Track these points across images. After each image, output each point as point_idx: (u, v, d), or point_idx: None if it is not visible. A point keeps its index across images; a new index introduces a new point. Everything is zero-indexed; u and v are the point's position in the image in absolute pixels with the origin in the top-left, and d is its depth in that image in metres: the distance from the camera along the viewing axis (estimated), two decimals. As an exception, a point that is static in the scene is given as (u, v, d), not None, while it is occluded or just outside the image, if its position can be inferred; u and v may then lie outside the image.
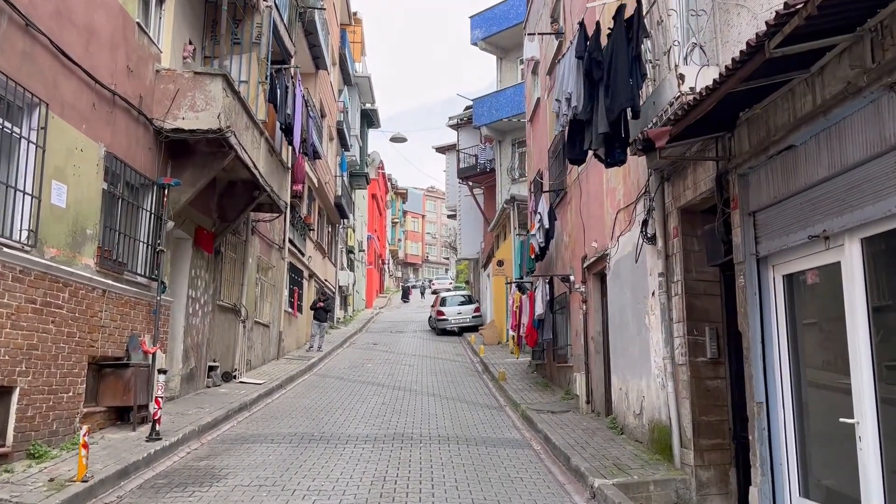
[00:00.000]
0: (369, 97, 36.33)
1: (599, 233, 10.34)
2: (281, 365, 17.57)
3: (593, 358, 10.79)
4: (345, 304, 35.77)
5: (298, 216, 21.35)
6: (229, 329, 14.37)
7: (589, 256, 10.88)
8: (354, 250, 39.12)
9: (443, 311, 29.49)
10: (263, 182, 12.73)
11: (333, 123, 27.72)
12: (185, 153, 10.81)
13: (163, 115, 10.13)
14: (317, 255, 25.96)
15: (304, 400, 12.96)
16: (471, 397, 13.59)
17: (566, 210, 12.90)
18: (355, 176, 36.14)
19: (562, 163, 13.43)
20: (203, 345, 12.77)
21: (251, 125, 11.90)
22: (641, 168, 8.19)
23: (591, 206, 10.90)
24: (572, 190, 12.29)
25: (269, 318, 17.86)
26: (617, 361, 9.38)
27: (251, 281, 15.86)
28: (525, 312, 14.34)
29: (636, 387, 8.51)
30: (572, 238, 12.36)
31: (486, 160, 28.72)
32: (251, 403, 12.05)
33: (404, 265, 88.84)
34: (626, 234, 8.82)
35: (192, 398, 11.77)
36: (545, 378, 15.15)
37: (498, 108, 25.58)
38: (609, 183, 9.74)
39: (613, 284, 9.52)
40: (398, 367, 18.74)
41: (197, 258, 12.28)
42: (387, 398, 13.25)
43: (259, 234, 16.46)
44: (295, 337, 21.76)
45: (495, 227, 25.11)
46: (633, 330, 8.58)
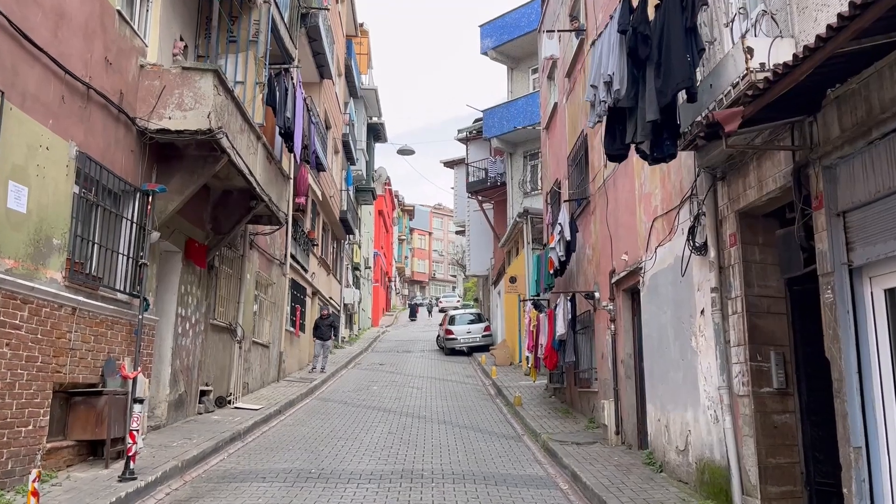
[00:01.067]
0: (376, 110, 35.51)
1: (630, 244, 9.29)
2: (281, 388, 16.50)
3: (623, 384, 9.70)
4: (350, 323, 34.70)
5: (301, 230, 20.38)
6: (224, 350, 13.33)
7: (618, 271, 9.83)
8: (360, 267, 38.12)
9: (452, 330, 28.38)
10: (260, 191, 11.75)
11: (339, 136, 26.85)
12: (172, 157, 9.86)
13: (147, 114, 9.18)
14: (321, 271, 24.96)
15: (304, 428, 11.88)
16: (485, 425, 12.48)
17: (589, 221, 11.86)
18: (361, 191, 35.22)
19: (583, 170, 12.41)
20: (194, 367, 11.73)
21: (247, 128, 10.94)
22: (685, 168, 7.16)
23: (619, 215, 9.86)
24: (596, 199, 11.25)
25: (268, 337, 16.82)
26: (654, 389, 8.29)
27: (249, 298, 14.85)
28: (543, 332, 13.26)
29: (679, 419, 7.41)
30: (597, 251, 11.31)
31: (496, 174, 27.75)
32: (245, 432, 10.98)
33: (411, 283, 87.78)
34: (666, 245, 7.77)
35: (181, 427, 10.71)
36: (565, 403, 14.02)
37: (509, 119, 24.64)
38: (643, 188, 8.70)
39: (649, 302, 8.45)
40: (405, 389, 17.64)
41: (187, 273, 11.28)
42: (393, 426, 12.15)
43: (258, 248, 15.47)
44: (297, 358, 20.70)
45: (507, 243, 24.08)
46: (676, 354, 7.50)
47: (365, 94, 33.35)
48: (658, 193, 8.10)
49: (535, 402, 14.70)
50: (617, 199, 10.01)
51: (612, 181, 10.22)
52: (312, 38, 19.81)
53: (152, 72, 9.26)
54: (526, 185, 25.23)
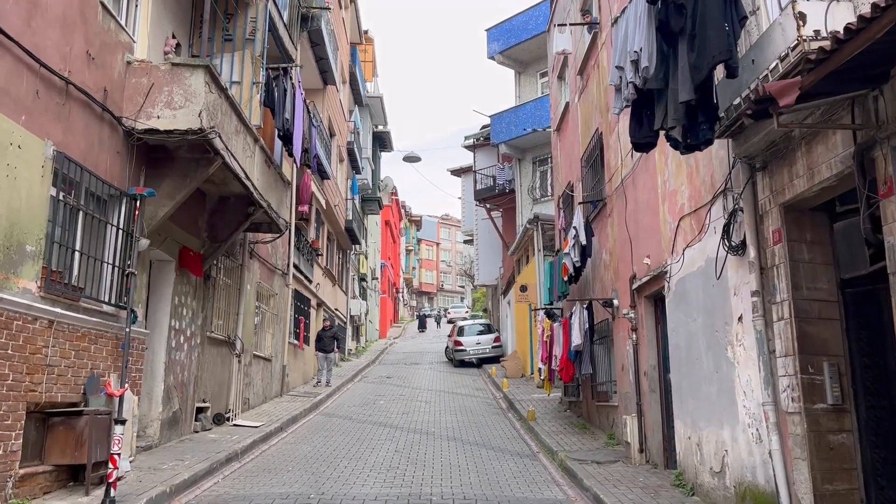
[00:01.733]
0: (381, 119, 35.02)
1: (653, 247, 8.62)
2: (284, 403, 15.85)
3: (647, 398, 9.01)
4: (357, 335, 34.06)
5: (305, 240, 19.79)
6: (222, 365, 12.71)
7: (639, 276, 9.16)
8: (367, 278, 37.51)
9: (460, 342, 27.68)
10: (258, 196, 11.16)
11: (343, 144, 26.32)
12: (163, 160, 9.28)
13: (134, 113, 8.61)
14: (326, 282, 24.36)
15: (306, 446, 11.22)
16: (497, 442, 11.78)
17: (605, 224, 11.21)
18: (367, 200, 34.68)
19: (598, 171, 11.77)
20: (189, 383, 11.11)
21: (243, 130, 10.36)
22: (717, 160, 6.51)
23: (640, 217, 9.20)
24: (613, 200, 10.60)
25: (270, 351, 16.19)
26: (683, 404, 7.59)
27: (249, 310, 14.23)
28: (558, 343, 12.57)
29: (714, 437, 6.72)
30: (614, 255, 10.64)
31: (504, 180, 27.15)
32: (243, 452, 10.33)
33: (419, 294, 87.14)
34: (695, 246, 7.10)
35: (174, 447, 10.07)
36: (581, 418, 13.31)
37: (517, 124, 24.04)
38: (667, 185, 8.05)
39: (676, 308, 7.78)
40: (413, 403, 16.96)
41: (182, 283, 10.68)
42: (401, 444, 11.48)
43: (259, 257, 14.87)
44: (301, 371, 20.06)
45: (516, 251, 23.42)
46: (709, 365, 6.81)
47: (370, 103, 32.87)
48: (685, 190, 7.44)
49: (550, 416, 13.99)
50: (637, 200, 9.36)
51: (631, 181, 9.57)
52: (315, 43, 19.30)
53: (139, 68, 8.69)
54: (535, 192, 24.59)
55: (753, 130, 5.27)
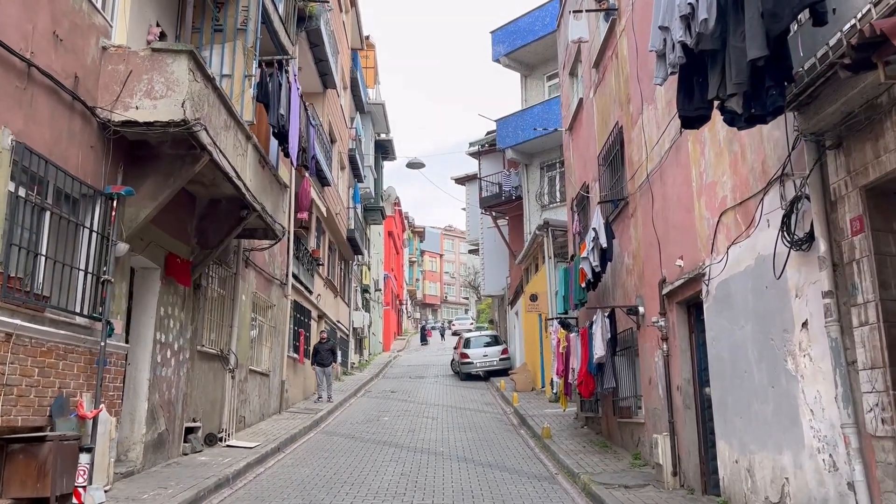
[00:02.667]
0: (384, 126, 34.27)
1: (687, 247, 7.75)
2: (282, 421, 14.95)
3: (681, 415, 8.10)
4: (360, 348, 33.15)
5: (305, 249, 18.95)
6: (215, 381, 11.83)
7: (670, 280, 8.28)
8: (370, 290, 36.64)
9: (467, 354, 26.74)
10: (251, 199, 10.32)
11: (345, 150, 25.54)
12: (144, 157, 8.47)
13: (110, 103, 7.79)
14: (327, 293, 23.50)
15: (304, 469, 10.31)
16: (511, 462, 10.86)
17: (627, 225, 10.34)
18: (370, 210, 33.88)
19: (618, 168, 10.91)
20: (177, 402, 10.23)
21: (233, 125, 9.54)
22: (770, 142, 5.65)
23: (670, 215, 8.33)
24: (637, 199, 9.74)
25: (268, 365, 15.31)
26: (728, 423, 6.69)
27: (244, 322, 13.36)
28: (575, 354, 11.66)
29: (770, 463, 5.81)
30: (638, 259, 9.77)
31: (511, 187, 26.31)
32: (235, 477, 9.43)
33: (423, 306, 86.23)
34: (742, 243, 6.23)
35: (159, 472, 9.17)
36: (601, 435, 12.38)
37: (524, 128, 23.23)
38: (703, 177, 7.19)
39: (717, 314, 6.89)
40: (419, 420, 16.04)
41: (168, 293, 9.83)
42: (406, 465, 10.56)
43: (255, 266, 14.02)
44: (301, 387, 19.16)
45: (525, 259, 22.54)
46: (761, 379, 5.92)
47: (372, 110, 32.13)
48: (727, 181, 6.58)
49: (566, 433, 13.06)
50: (665, 196, 8.49)
51: (658, 176, 8.71)
52: (314, 44, 18.55)
53: (116, 54, 7.88)
54: (544, 198, 23.75)
55: (828, 99, 4.41)
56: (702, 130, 7.21)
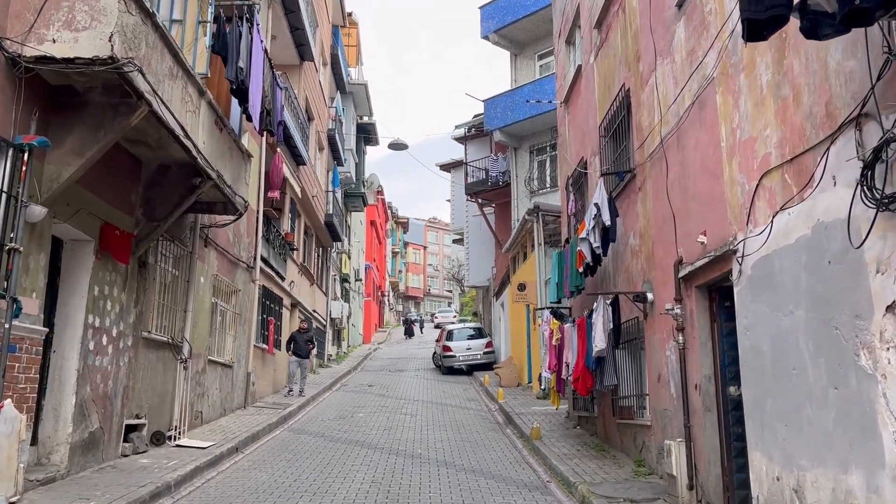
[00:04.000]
0: (366, 109, 32.88)
1: (712, 220, 6.53)
2: (247, 417, 13.63)
3: (699, 418, 6.89)
4: (338, 339, 31.81)
5: (277, 231, 17.59)
6: (164, 372, 10.49)
7: (688, 260, 7.06)
8: (350, 279, 35.28)
9: (450, 347, 25.51)
10: (204, 163, 8.98)
11: (323, 129, 24.17)
12: (70, 105, 7.14)
13: (22, 34, 6.45)
14: (302, 281, 22.14)
15: (260, 474, 9.02)
16: (498, 467, 9.63)
17: (634, 201, 9.12)
18: (351, 196, 32.54)
19: (623, 138, 9.69)
20: (116, 396, 8.89)
21: (182, 76, 8.19)
22: (842, 77, 4.43)
23: (690, 184, 7.11)
24: (647, 170, 8.51)
25: (231, 355, 13.97)
26: (766, 430, 5.48)
27: (203, 307, 12.02)
28: (570, 348, 10.43)
29: (830, 483, 4.61)
30: (647, 239, 8.55)
31: (498, 172, 25.05)
32: (178, 483, 8.12)
33: (405, 298, 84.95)
34: (794, 209, 5.01)
35: (87, 478, 7.84)
36: (596, 437, 11.19)
37: (514, 109, 21.97)
38: (738, 133, 5.96)
39: (755, 298, 5.68)
40: (397, 417, 14.78)
41: (104, 271, 8.49)
42: (379, 470, 9.30)
43: (216, 246, 12.67)
44: (271, 379, 17.81)
45: (512, 247, 21.32)
46: (820, 377, 4.71)
47: (354, 91, 30.74)
48: (771, 134, 5.35)
49: (557, 434, 11.85)
50: (684, 163, 7.27)
51: (675, 140, 7.49)
52: (289, 10, 17.19)
53: (30, -25, 6.51)
54: (533, 183, 22.53)
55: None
56: (735, 77, 6.00)
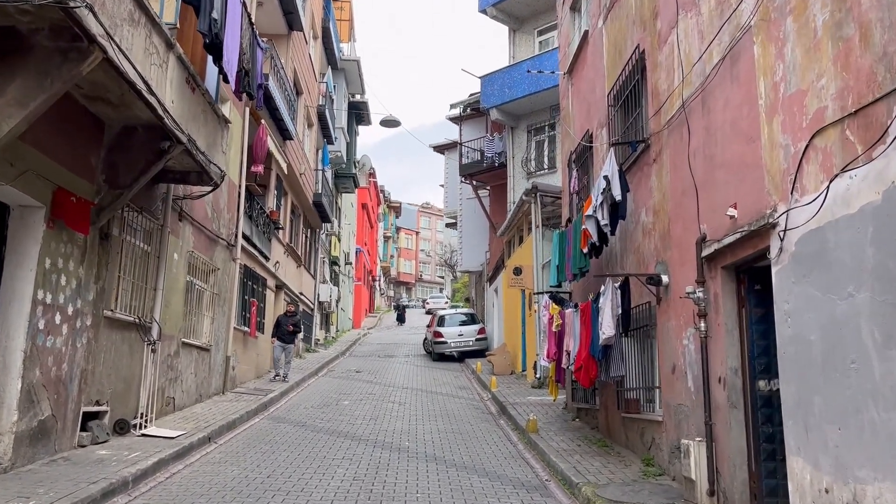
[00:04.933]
0: (358, 87, 31.83)
1: (745, 190, 5.71)
2: (224, 403, 12.80)
3: (723, 415, 6.10)
4: (326, 324, 30.98)
5: (261, 208, 16.70)
6: (131, 355, 9.63)
7: (714, 237, 6.24)
8: (339, 262, 34.39)
9: (441, 333, 24.72)
10: (172, 124, 8.08)
11: (313, 104, 23.21)
12: (12, 49, 6.24)
13: (-52, -40, 5.51)
14: (288, 262, 21.26)
15: (233, 469, 8.20)
16: (492, 463, 8.85)
17: (646, 175, 8.30)
18: (341, 177, 31.58)
19: (636, 106, 8.85)
20: (72, 380, 8.04)
21: (146, 23, 7.28)
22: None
23: (717, 150, 6.28)
24: (663, 139, 7.68)
25: (208, 338, 13.11)
26: (814, 433, 4.69)
27: (176, 286, 11.15)
28: (572, 335, 9.62)
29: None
30: (662, 215, 7.72)
31: (493, 153, 24.18)
32: (137, 479, 7.30)
33: (397, 284, 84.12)
34: (859, 170, 4.20)
35: (34, 472, 7.00)
36: (597, 431, 10.42)
37: (512, 86, 21.07)
38: (781, 88, 5.12)
39: (799, 279, 4.87)
40: (384, 405, 13.99)
41: (58, 242, 7.61)
42: (362, 466, 8.50)
43: (192, 220, 11.78)
44: (254, 363, 16.97)
45: (508, 230, 20.49)
46: (890, 374, 3.91)
47: (346, 67, 29.68)
48: (829, 84, 4.52)
49: (555, 427, 11.08)
50: (710, 128, 6.43)
51: (699, 102, 6.65)
52: (276, -28, 16.20)
53: None
54: (530, 164, 21.68)
55: None
56: (779, 22, 5.15)
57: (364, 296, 48.05)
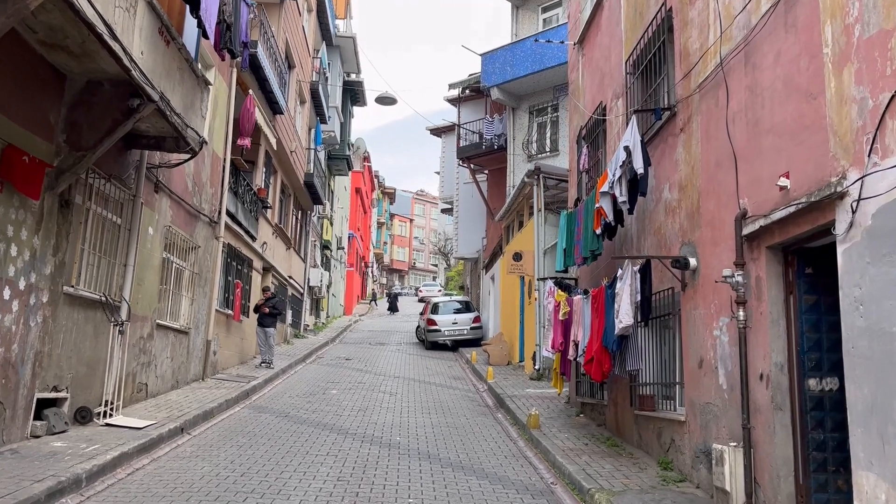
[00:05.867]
0: (354, 66, 30.81)
1: (801, 157, 4.87)
2: (203, 390, 11.94)
3: (765, 417, 5.28)
4: (317, 309, 30.10)
5: (247, 185, 15.78)
6: (96, 336, 8.75)
7: (758, 211, 5.41)
8: (331, 246, 33.49)
9: (434, 321, 23.89)
10: (141, 78, 7.16)
11: (305, 80, 22.23)
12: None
13: None
14: (277, 243, 20.36)
15: (203, 465, 7.36)
16: (491, 463, 8.03)
17: (670, 147, 7.44)
18: (335, 158, 30.61)
19: (658, 72, 7.98)
20: (23, 363, 7.16)
21: (108, -42, 6.36)
22: None
23: (763, 112, 5.43)
24: (693, 105, 6.82)
25: (187, 320, 12.23)
26: (895, 444, 3.87)
27: (151, 263, 10.27)
28: (581, 324, 8.79)
29: None
30: (689, 191, 6.88)
31: (492, 135, 23.29)
32: (91, 477, 6.44)
33: (390, 271, 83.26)
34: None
35: (-29, 467, 6.14)
36: (604, 429, 9.62)
37: (514, 65, 20.15)
38: (858, 30, 4.28)
39: (880, 259, 4.05)
40: (374, 396, 13.16)
41: (6, 206, 6.72)
42: (348, 464, 7.66)
43: (170, 193, 10.88)
44: (237, 348, 16.10)
45: (507, 215, 19.64)
46: None
47: (341, 45, 28.65)
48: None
49: (558, 423, 10.27)
50: (755, 87, 5.58)
51: (741, 60, 5.79)
52: (268, -66, 15.21)
53: None
54: (532, 146, 20.80)
55: None
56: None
57: (356, 282, 47.16)
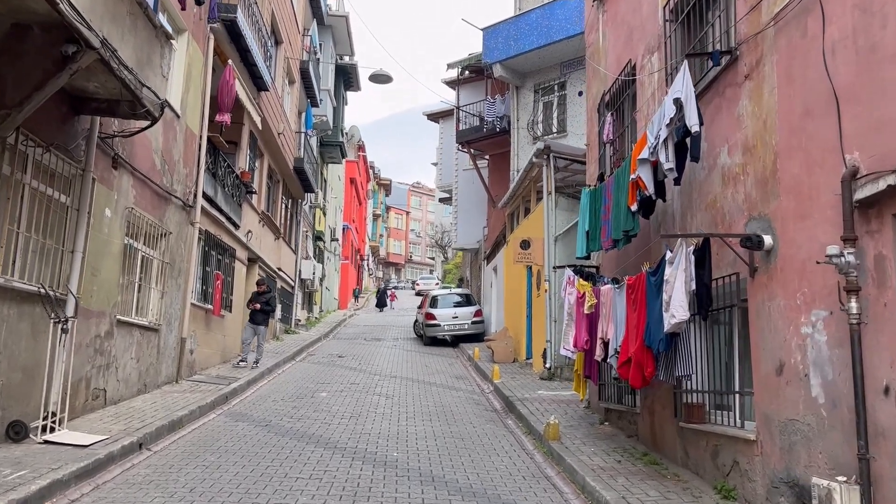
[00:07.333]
0: (347, 47, 29.33)
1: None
2: (174, 395, 10.54)
3: (892, 445, 3.89)
4: (309, 303, 28.68)
5: (229, 167, 14.35)
6: (33, 336, 7.32)
7: (876, 169, 4.02)
8: (325, 238, 32.05)
9: (433, 315, 22.51)
10: (74, 15, 5.72)
11: (294, 56, 20.75)
12: None
13: None
14: (265, 233, 18.92)
15: (156, 495, 5.96)
16: (507, 487, 6.65)
17: (728, 101, 6.05)
18: (328, 145, 29.17)
19: (710, 12, 6.57)
20: (-71, 371, 5.74)
21: None
22: None
23: (884, 35, 4.05)
24: (765, 43, 5.42)
25: (157, 316, 10.81)
26: None
27: (110, 249, 8.85)
28: (612, 318, 7.39)
29: None
30: (758, 151, 5.49)
31: (495, 117, 21.89)
32: (7, 516, 5.04)
33: (386, 264, 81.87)
34: None
35: None
36: (635, 440, 8.25)
37: (518, 39, 18.72)
38: None
39: None
40: (369, 399, 11.78)
41: None
42: (334, 493, 6.26)
43: (134, 171, 9.45)
44: (219, 346, 14.69)
45: (511, 200, 18.24)
46: None
47: (334, 24, 27.16)
48: None
49: (580, 432, 8.89)
50: (870, 4, 4.18)
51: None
52: None
53: None
54: (537, 127, 19.40)
55: None
56: None
57: (351, 275, 45.72)
